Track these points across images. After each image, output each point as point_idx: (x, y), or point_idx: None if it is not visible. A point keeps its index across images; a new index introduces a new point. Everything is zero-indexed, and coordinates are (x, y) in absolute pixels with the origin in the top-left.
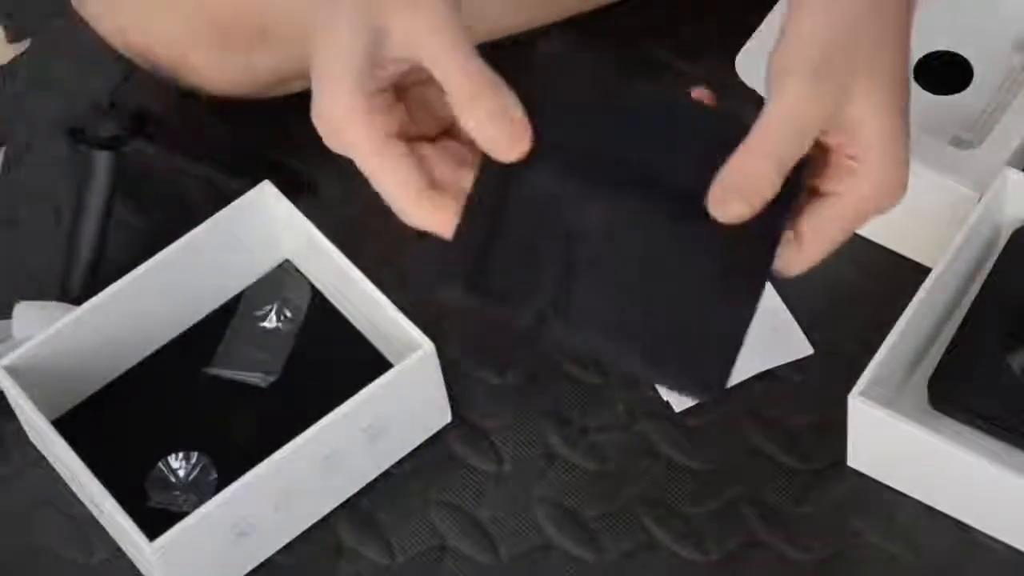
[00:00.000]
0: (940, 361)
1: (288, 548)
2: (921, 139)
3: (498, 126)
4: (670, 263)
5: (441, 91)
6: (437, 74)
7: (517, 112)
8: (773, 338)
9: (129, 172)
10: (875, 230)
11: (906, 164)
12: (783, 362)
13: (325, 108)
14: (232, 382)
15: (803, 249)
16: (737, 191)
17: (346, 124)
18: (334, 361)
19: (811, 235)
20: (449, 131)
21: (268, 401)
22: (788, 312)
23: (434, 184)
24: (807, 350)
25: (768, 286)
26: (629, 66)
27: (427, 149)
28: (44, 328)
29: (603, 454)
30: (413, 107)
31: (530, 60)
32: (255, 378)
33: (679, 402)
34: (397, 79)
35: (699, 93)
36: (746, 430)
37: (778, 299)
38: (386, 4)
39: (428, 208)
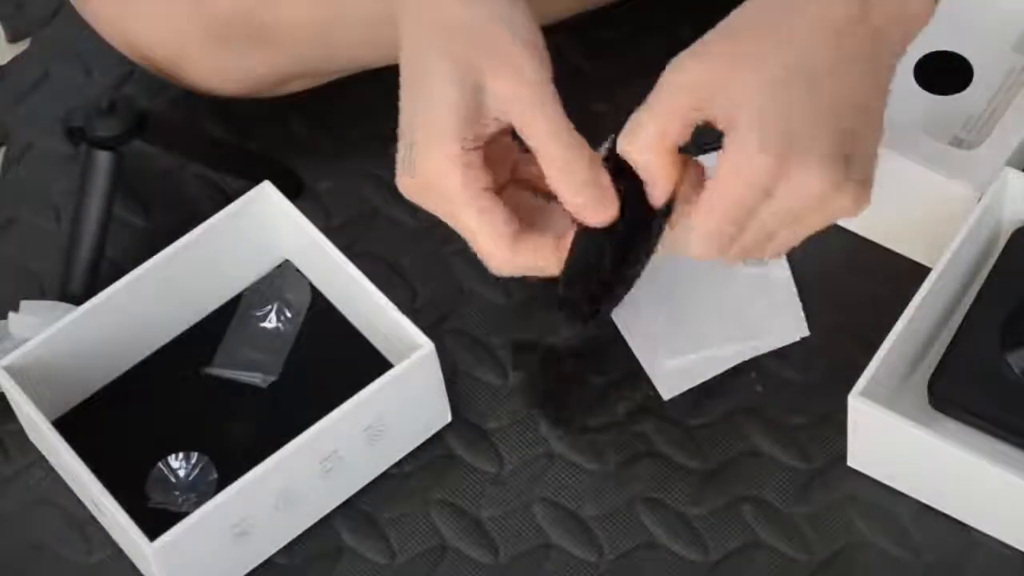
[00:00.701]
0: (940, 361)
1: (288, 548)
2: (921, 139)
3: (588, 195)
4: None
5: (513, 138)
6: (532, 142)
7: (606, 181)
8: (773, 313)
9: (129, 172)
10: (875, 230)
11: (780, 139)
12: (779, 341)
13: (421, 157)
14: (232, 382)
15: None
16: None
17: (443, 175)
18: (334, 361)
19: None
20: (517, 172)
21: (268, 401)
22: (795, 288)
23: (523, 230)
24: (804, 331)
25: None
26: (629, 66)
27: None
28: (44, 328)
29: (603, 454)
30: (491, 158)
31: None
32: (255, 378)
33: (666, 390)
34: (491, 136)
35: None
36: (746, 430)
37: (788, 272)
38: (486, 64)
39: (526, 253)
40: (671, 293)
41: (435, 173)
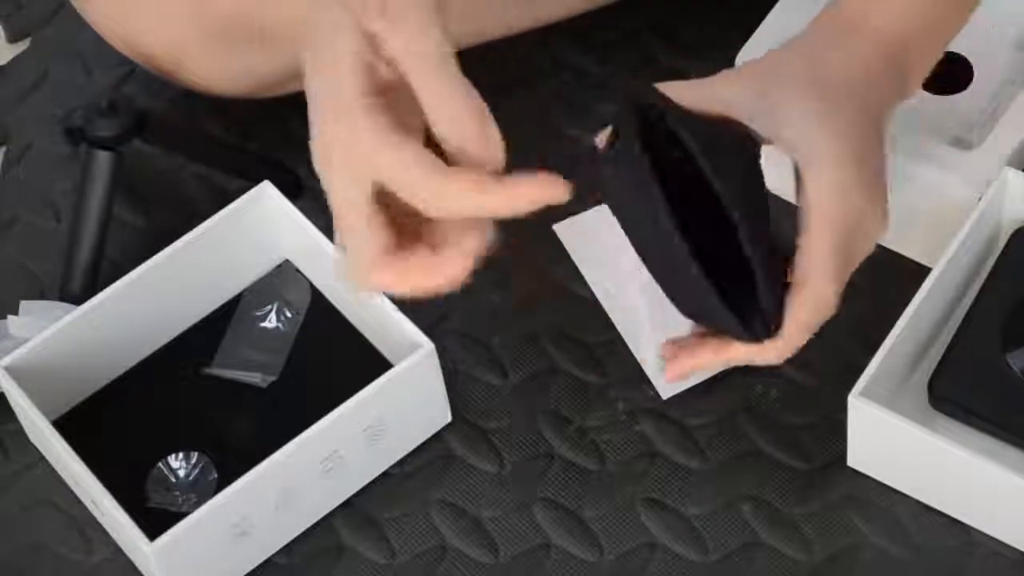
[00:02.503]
0: (940, 361)
1: (288, 548)
2: (921, 139)
3: (478, 148)
4: None
5: None
6: (419, 95)
7: (495, 135)
8: None
9: (129, 172)
10: None
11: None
12: None
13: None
14: (232, 382)
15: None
16: None
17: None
18: (334, 361)
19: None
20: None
21: (268, 401)
22: None
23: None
24: None
25: None
26: (629, 66)
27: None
28: (44, 328)
29: (603, 454)
30: (403, 108)
31: None
32: (255, 378)
33: (666, 390)
34: (388, 83)
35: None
36: (746, 430)
37: None
38: (371, 15)
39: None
40: None
41: (351, 135)
